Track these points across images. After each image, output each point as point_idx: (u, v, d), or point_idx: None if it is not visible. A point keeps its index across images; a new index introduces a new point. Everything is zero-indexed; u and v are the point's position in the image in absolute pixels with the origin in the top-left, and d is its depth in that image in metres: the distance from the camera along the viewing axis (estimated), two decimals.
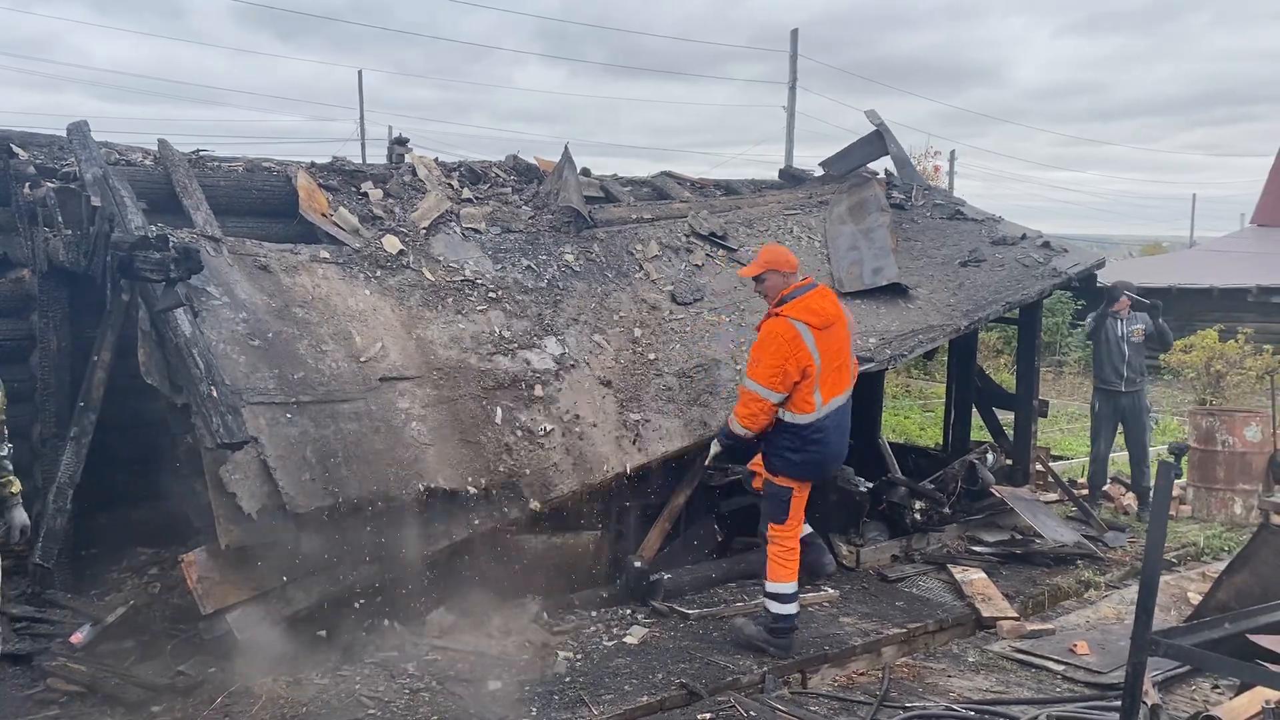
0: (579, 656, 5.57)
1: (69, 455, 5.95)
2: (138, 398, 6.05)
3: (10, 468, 4.92)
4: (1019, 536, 8.16)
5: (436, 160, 8.33)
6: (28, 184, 6.43)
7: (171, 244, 5.42)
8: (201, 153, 7.46)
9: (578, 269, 7.66)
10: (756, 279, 5.83)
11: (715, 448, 6.08)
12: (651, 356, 7.19)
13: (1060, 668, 5.80)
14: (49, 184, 6.33)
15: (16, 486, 4.90)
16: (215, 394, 5.21)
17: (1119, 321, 9.40)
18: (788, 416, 5.56)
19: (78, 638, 5.55)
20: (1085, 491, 9.68)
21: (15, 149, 6.67)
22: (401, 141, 8.94)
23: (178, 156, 6.99)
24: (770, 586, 5.78)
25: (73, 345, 6.41)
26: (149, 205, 6.17)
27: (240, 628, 5.17)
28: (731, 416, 5.75)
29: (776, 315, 5.60)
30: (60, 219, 6.11)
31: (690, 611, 6.29)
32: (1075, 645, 6.08)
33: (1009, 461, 9.03)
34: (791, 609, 5.77)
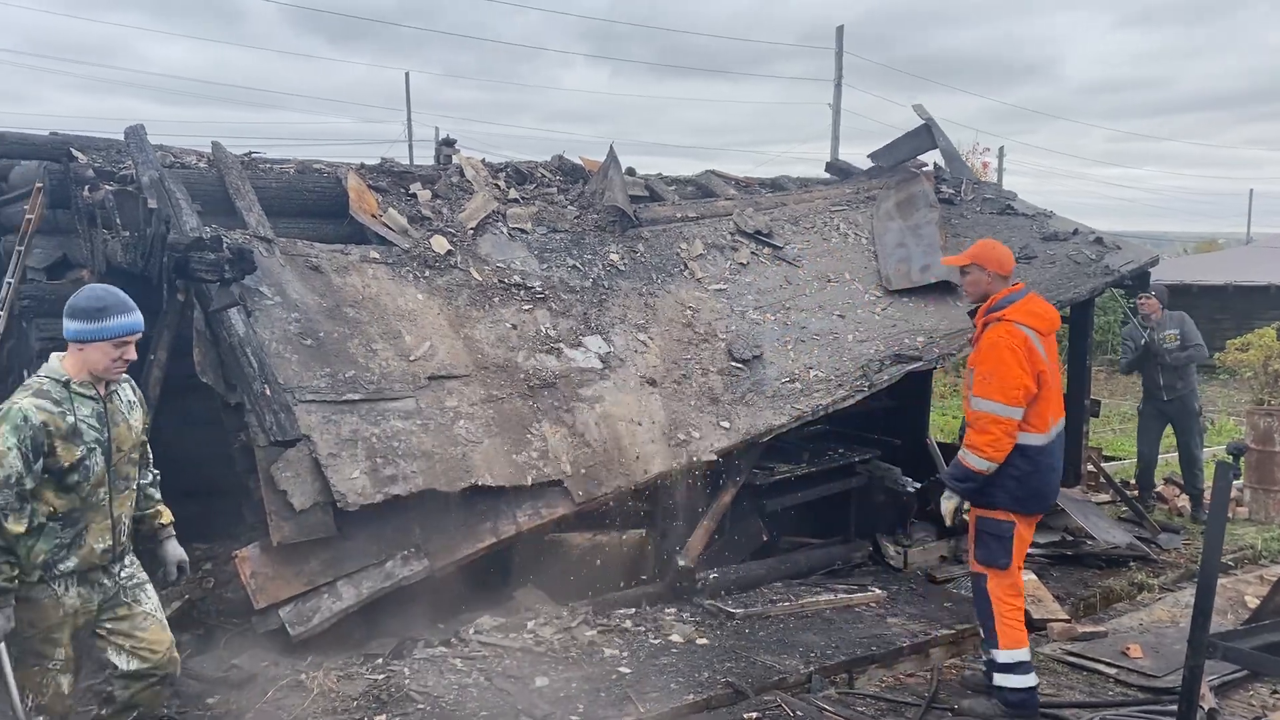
0: (625, 654, 5.59)
1: None
2: (193, 396, 6.16)
3: (159, 496, 4.38)
4: (1070, 538, 8.04)
5: (483, 161, 8.39)
6: (87, 187, 6.58)
7: (226, 245, 5.53)
8: (253, 155, 7.59)
9: (623, 268, 7.68)
10: (962, 270, 5.29)
11: (948, 502, 5.14)
12: (696, 356, 7.19)
13: (1113, 671, 5.71)
14: (107, 187, 6.47)
15: (167, 516, 4.38)
16: (268, 392, 5.30)
17: (1147, 328, 9.25)
18: (1021, 438, 4.86)
19: None
20: (1136, 493, 9.52)
21: (75, 153, 6.83)
22: (449, 143, 9.03)
23: (231, 159, 7.11)
24: (1000, 656, 4.97)
25: None
26: (203, 207, 6.28)
27: (292, 622, 5.25)
28: (963, 452, 4.96)
29: (1000, 320, 4.94)
30: (118, 221, 6.25)
31: (736, 610, 6.28)
32: (1128, 648, 5.99)
33: None
34: (1032, 680, 4.98)
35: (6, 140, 6.88)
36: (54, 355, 3.89)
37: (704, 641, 5.84)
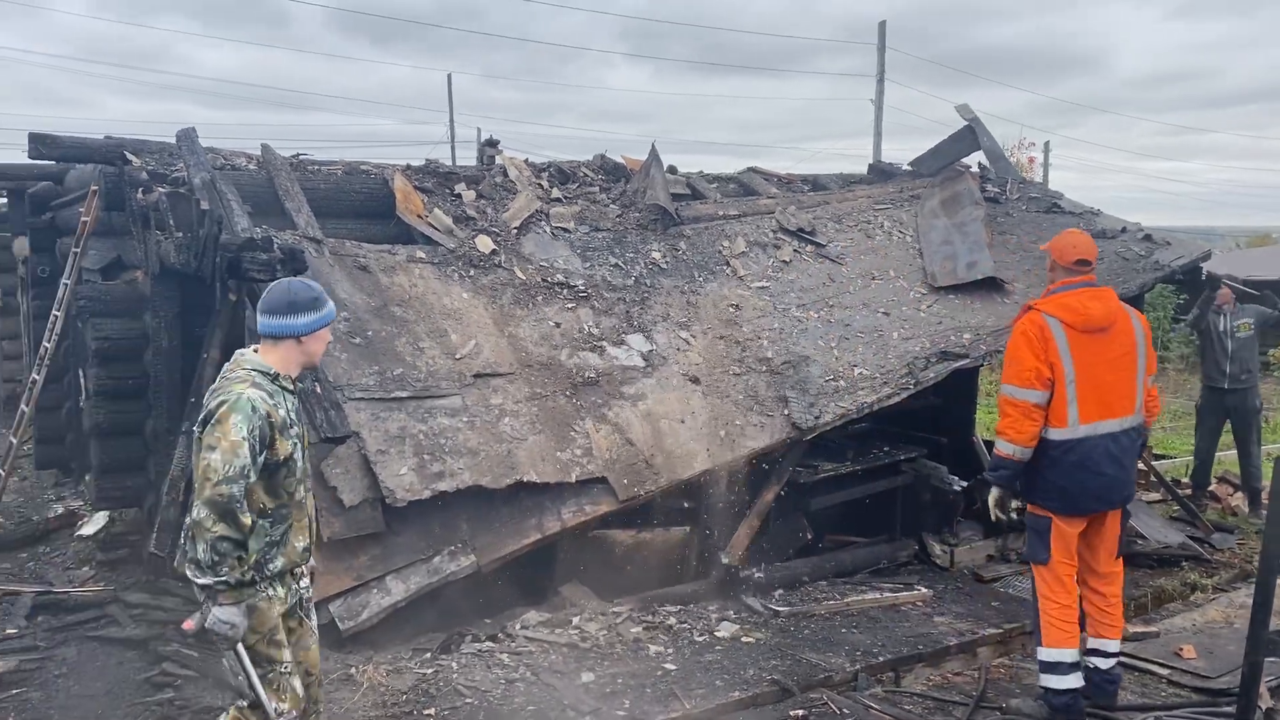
0: (670, 651, 5.60)
1: (181, 449, 6.21)
2: None
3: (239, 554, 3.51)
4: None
5: (526, 161, 8.45)
6: (141, 189, 6.72)
7: (277, 245, 5.62)
8: (301, 156, 7.70)
9: (665, 266, 7.69)
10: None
11: (993, 494, 5.13)
12: (739, 353, 7.19)
13: (1165, 672, 5.63)
14: (160, 189, 6.61)
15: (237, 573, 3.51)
16: (319, 390, 5.38)
17: (1223, 316, 9.06)
18: (1045, 430, 4.83)
19: (189, 624, 5.75)
20: (1189, 491, 9.36)
21: (129, 156, 6.99)
22: (492, 143, 9.10)
23: (279, 160, 7.23)
24: (1041, 654, 4.94)
25: (183, 343, 6.68)
26: (253, 208, 6.39)
27: (342, 617, 5.33)
28: (996, 442, 4.98)
29: (1029, 309, 4.97)
30: (172, 222, 6.38)
31: (781, 608, 6.26)
32: (1181, 649, 5.90)
33: None
34: (1071, 681, 4.87)
35: (63, 144, 7.04)
36: (244, 350, 3.74)
37: (749, 639, 5.83)
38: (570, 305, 7.07)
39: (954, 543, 7.49)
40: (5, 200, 11.35)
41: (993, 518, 5.24)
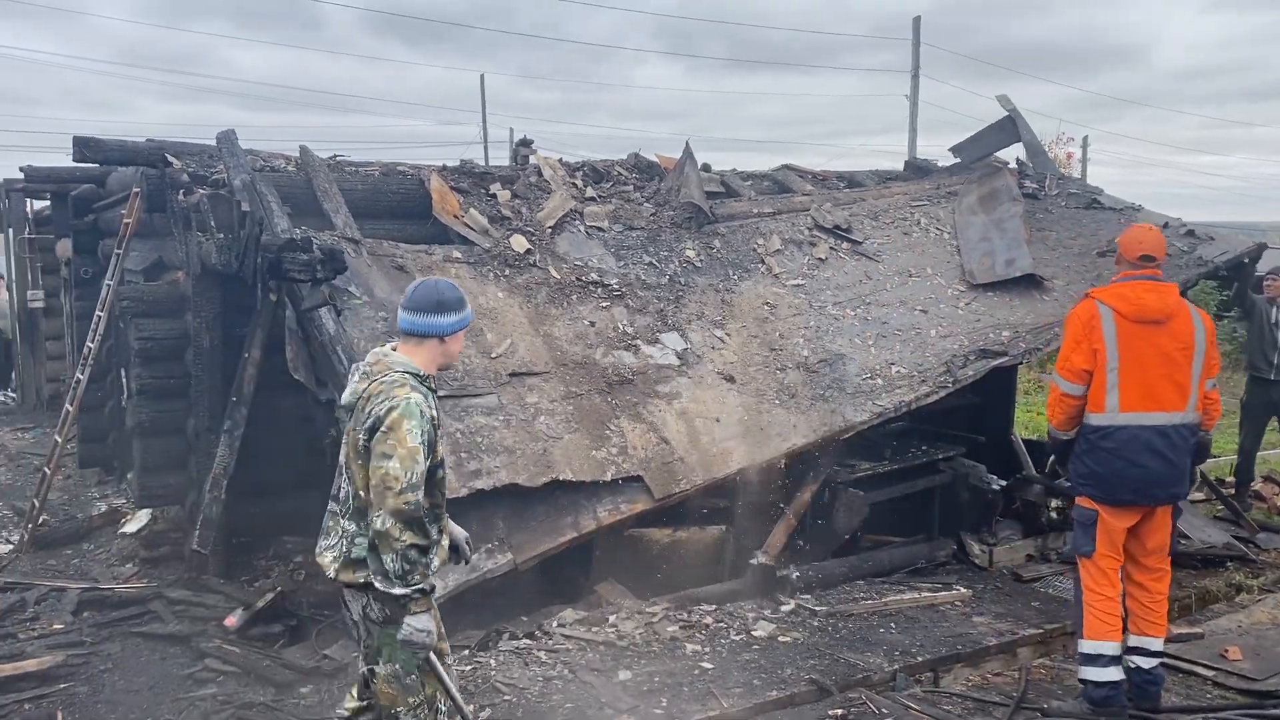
0: (707, 649, 5.59)
1: (222, 447, 6.28)
2: (285, 393, 6.34)
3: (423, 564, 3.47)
4: None
5: (560, 160, 8.47)
6: (182, 191, 6.81)
7: (316, 246, 5.67)
8: (338, 158, 7.77)
9: (699, 264, 7.68)
10: None
11: (1051, 458, 5.57)
12: (774, 351, 7.16)
13: (1210, 673, 5.54)
14: (201, 191, 6.69)
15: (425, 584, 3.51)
16: None
17: (1274, 307, 8.90)
18: (1086, 416, 4.90)
19: (231, 621, 5.86)
20: (1233, 489, 9.20)
21: (170, 158, 7.08)
22: (526, 143, 9.14)
23: (318, 162, 7.29)
24: (1081, 645, 4.96)
25: (224, 343, 6.75)
26: (292, 209, 6.46)
27: None
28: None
29: (1086, 296, 5.07)
30: (213, 223, 6.45)
31: (818, 608, 6.23)
32: (1226, 650, 5.80)
33: None
34: (1111, 674, 4.85)
35: (107, 147, 7.14)
36: (384, 350, 3.69)
37: (786, 639, 5.81)
38: (605, 304, 7.08)
39: (993, 542, 7.42)
40: (49, 203, 11.57)
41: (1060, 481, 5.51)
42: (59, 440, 7.92)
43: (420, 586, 3.41)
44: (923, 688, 5.41)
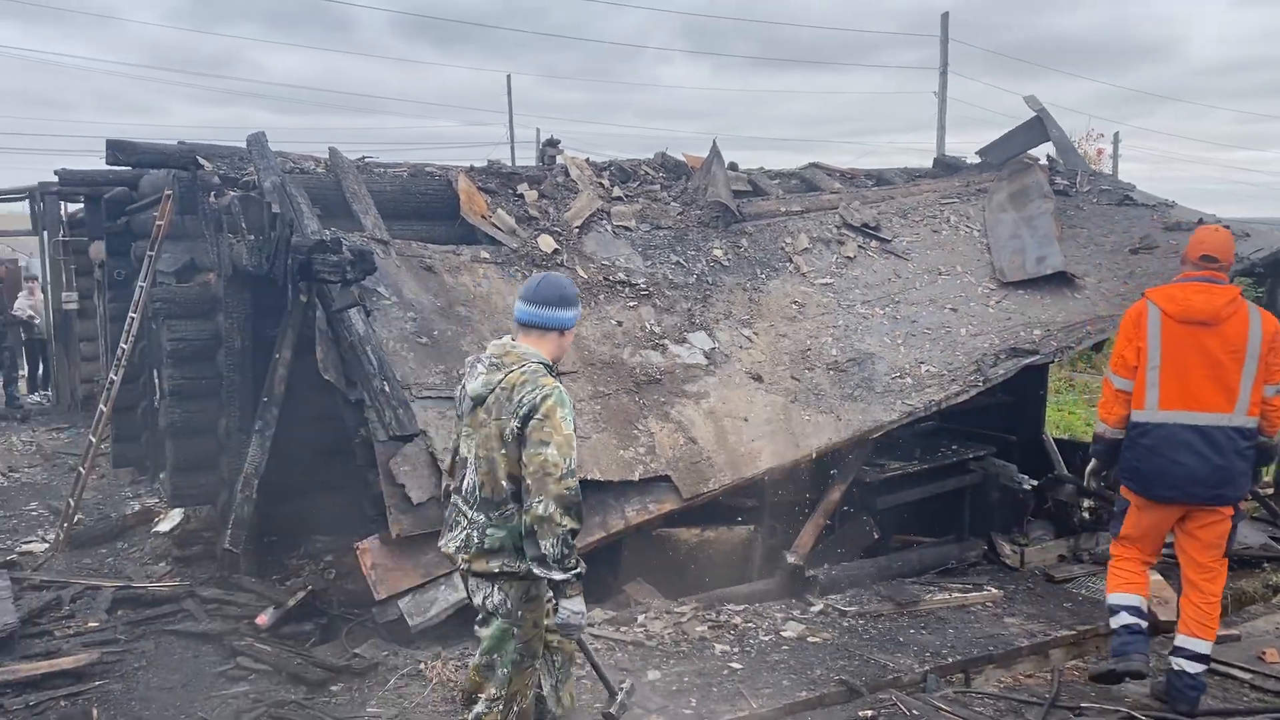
0: (735, 650, 5.58)
1: (254, 447, 6.33)
2: (315, 393, 6.38)
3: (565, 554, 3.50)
4: None
5: (587, 160, 8.48)
6: (213, 193, 6.87)
7: (346, 247, 5.70)
8: (367, 159, 7.81)
9: (726, 263, 7.66)
10: None
11: (1090, 465, 5.50)
12: (803, 350, 7.13)
13: (1248, 676, 5.46)
14: (232, 193, 6.74)
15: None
16: (387, 389, 5.45)
17: None
18: (1131, 412, 5.07)
19: (263, 619, 5.91)
20: (1271, 490, 9.07)
21: (201, 161, 7.14)
22: (553, 143, 9.14)
23: (346, 163, 7.33)
24: (1107, 600, 5.34)
25: (255, 344, 6.81)
26: (322, 210, 6.49)
27: (411, 613, 5.39)
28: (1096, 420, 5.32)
29: (1141, 295, 5.22)
30: (243, 225, 6.50)
31: (847, 608, 6.20)
32: (1264, 652, 5.72)
33: None
34: (1123, 618, 5.09)
35: (139, 150, 7.21)
36: (510, 341, 3.71)
37: (815, 639, 5.78)
38: (632, 304, 7.08)
39: (1024, 543, 7.36)
40: (83, 205, 11.71)
41: (1086, 485, 5.72)
42: (93, 440, 8.02)
43: (578, 571, 3.49)
44: (954, 689, 5.37)
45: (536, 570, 3.51)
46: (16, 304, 13.93)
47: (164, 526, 7.59)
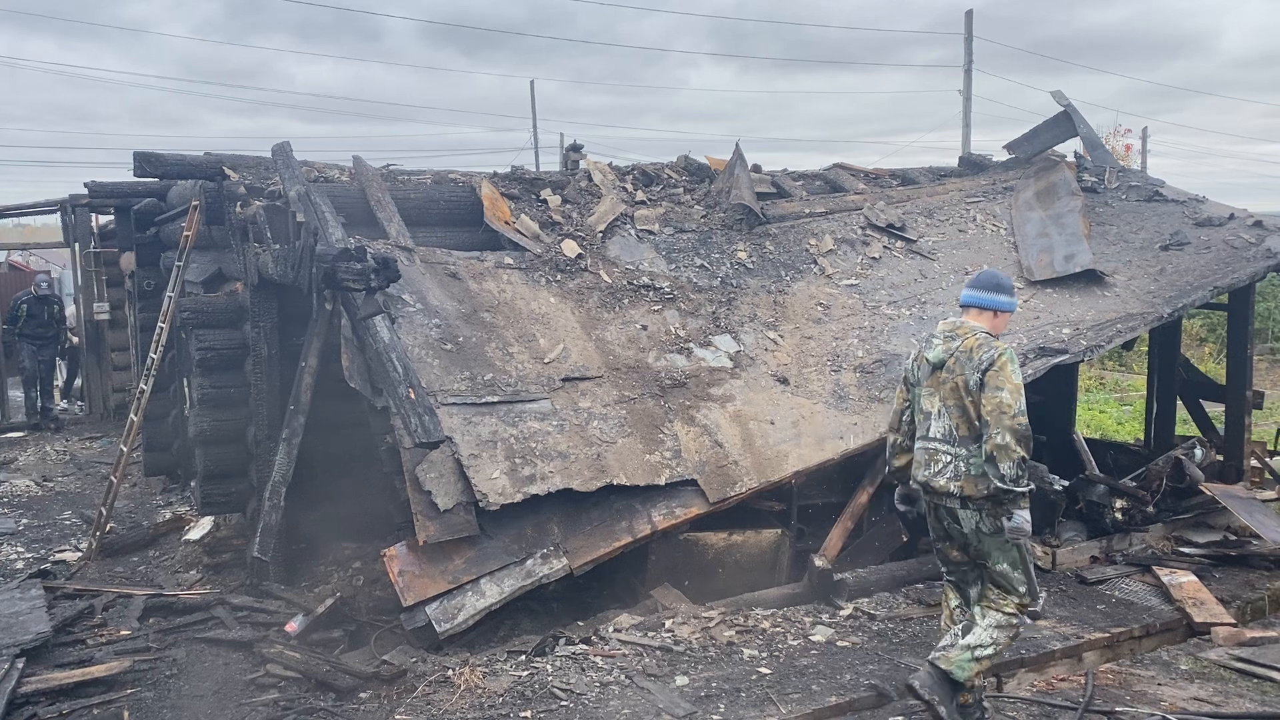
0: (764, 654, 5.54)
1: (281, 455, 6.37)
2: (341, 401, 6.41)
3: None
4: (1233, 537, 7.59)
5: (610, 164, 8.47)
6: (239, 203, 6.92)
7: (370, 255, 5.72)
8: (391, 167, 7.84)
9: (750, 266, 7.63)
10: None
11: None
12: (829, 352, 7.09)
13: None
14: (258, 202, 6.79)
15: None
16: (413, 396, 5.46)
17: None
18: None
19: (292, 627, 5.93)
20: None
21: (227, 171, 7.20)
22: (576, 148, 9.15)
23: (371, 172, 7.37)
24: None
25: (282, 352, 6.85)
26: (346, 219, 6.52)
27: (438, 619, 5.40)
28: None
29: None
30: (269, 234, 6.54)
31: (877, 612, 6.15)
32: None
33: (1219, 457, 8.41)
34: None
35: (166, 162, 7.28)
36: (958, 319, 4.70)
37: (844, 643, 5.74)
38: (656, 307, 7.06)
39: (1056, 544, 7.26)
40: (113, 217, 11.85)
41: None
42: (125, 449, 8.10)
43: (1030, 487, 4.43)
44: (986, 693, 5.30)
45: (996, 488, 4.39)
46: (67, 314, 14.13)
47: (195, 534, 7.66)
